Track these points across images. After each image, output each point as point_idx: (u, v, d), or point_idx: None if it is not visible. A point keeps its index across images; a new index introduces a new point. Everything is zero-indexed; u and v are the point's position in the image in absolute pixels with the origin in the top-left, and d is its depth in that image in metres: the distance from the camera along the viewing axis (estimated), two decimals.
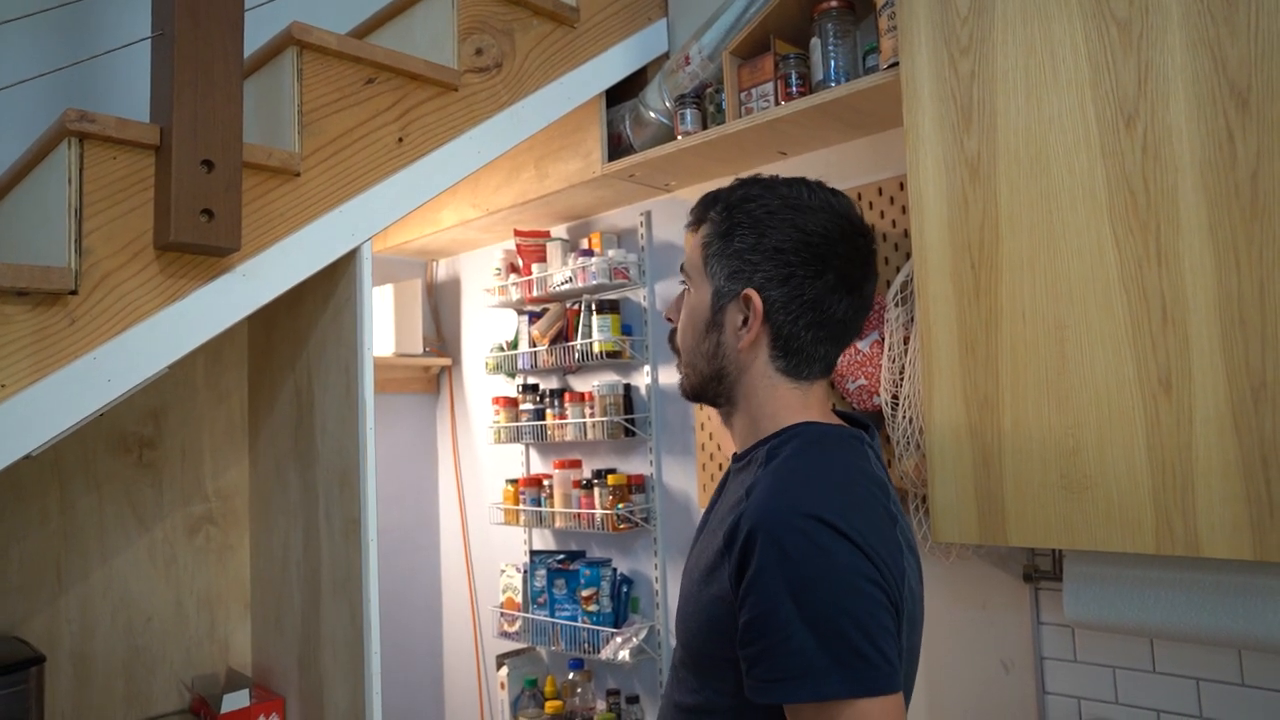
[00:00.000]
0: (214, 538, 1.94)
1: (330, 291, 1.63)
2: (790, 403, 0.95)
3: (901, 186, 1.75)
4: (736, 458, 0.99)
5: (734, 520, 0.86)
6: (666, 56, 2.10)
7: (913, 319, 1.62)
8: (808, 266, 0.92)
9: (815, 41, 1.71)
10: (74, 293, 1.25)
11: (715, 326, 0.97)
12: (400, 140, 1.61)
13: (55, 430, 1.23)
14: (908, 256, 1.72)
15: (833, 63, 1.69)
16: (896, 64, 1.50)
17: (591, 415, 2.24)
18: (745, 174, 2.03)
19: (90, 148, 1.27)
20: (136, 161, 1.32)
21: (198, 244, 1.31)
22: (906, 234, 1.74)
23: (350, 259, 1.56)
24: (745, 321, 0.94)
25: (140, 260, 1.31)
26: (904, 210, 1.74)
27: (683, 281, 1.03)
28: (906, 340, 1.63)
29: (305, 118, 1.50)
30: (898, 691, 0.79)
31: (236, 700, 1.74)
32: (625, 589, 2.23)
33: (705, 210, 1.00)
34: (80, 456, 1.78)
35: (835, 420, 0.98)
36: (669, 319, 1.05)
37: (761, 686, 0.80)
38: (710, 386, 0.99)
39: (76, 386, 1.24)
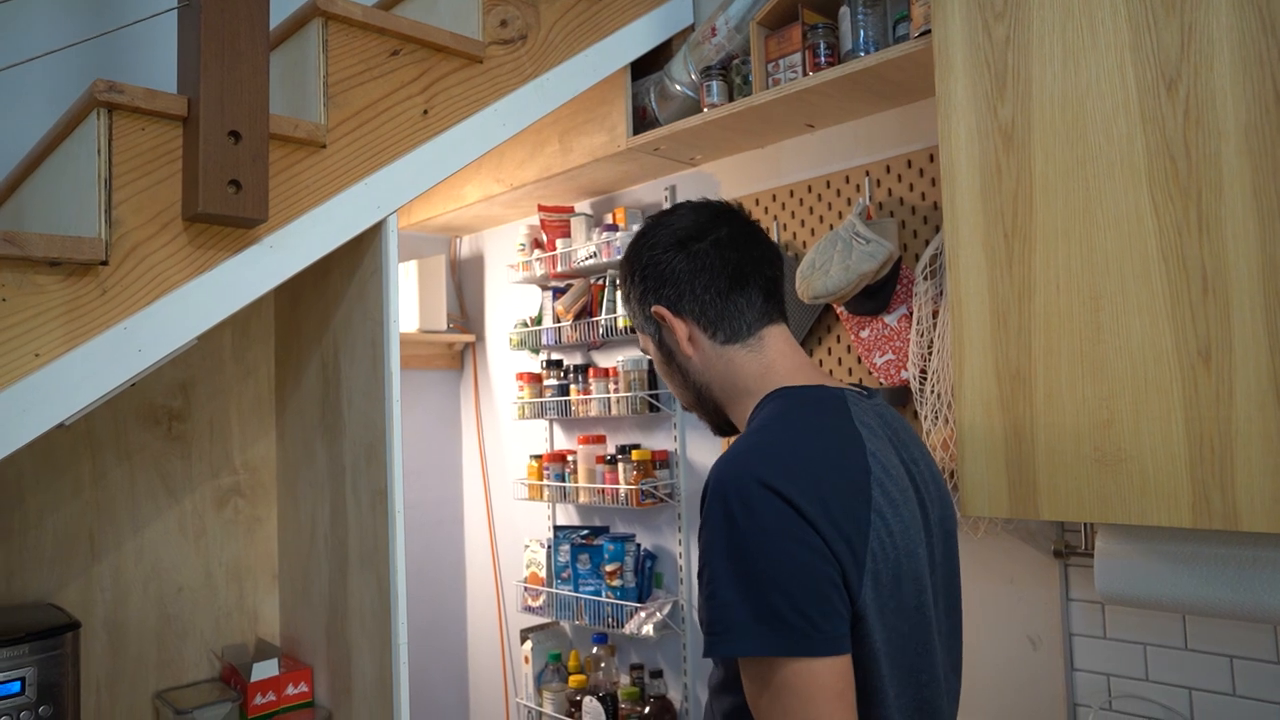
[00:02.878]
0: (242, 510, 1.96)
1: (356, 265, 1.63)
2: (753, 370, 1.00)
3: (931, 158, 1.72)
4: None
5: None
6: (692, 28, 2.07)
7: (941, 292, 1.60)
8: (675, 252, 1.01)
9: (844, 10, 1.69)
10: (105, 263, 1.26)
11: (670, 358, 1.06)
12: (425, 113, 1.61)
13: (88, 399, 1.24)
14: (936, 229, 1.70)
15: (862, 32, 1.66)
16: (928, 32, 1.47)
17: (615, 391, 2.24)
18: (771, 147, 2.02)
19: (119, 119, 1.28)
20: (165, 133, 1.32)
21: (225, 215, 1.31)
22: (936, 207, 1.71)
23: (376, 232, 1.56)
24: (674, 334, 1.02)
25: (169, 231, 1.32)
26: (933, 182, 1.72)
27: (649, 359, 1.10)
28: (935, 314, 1.61)
29: (331, 89, 1.49)
30: (830, 655, 0.79)
31: (266, 669, 1.76)
32: (649, 564, 2.24)
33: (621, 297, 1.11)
34: (111, 428, 1.80)
35: (814, 380, 0.99)
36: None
37: (704, 639, 0.84)
38: (709, 408, 1.06)
39: (108, 356, 1.25)
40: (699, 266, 1.00)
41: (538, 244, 2.48)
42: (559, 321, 2.39)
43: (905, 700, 0.88)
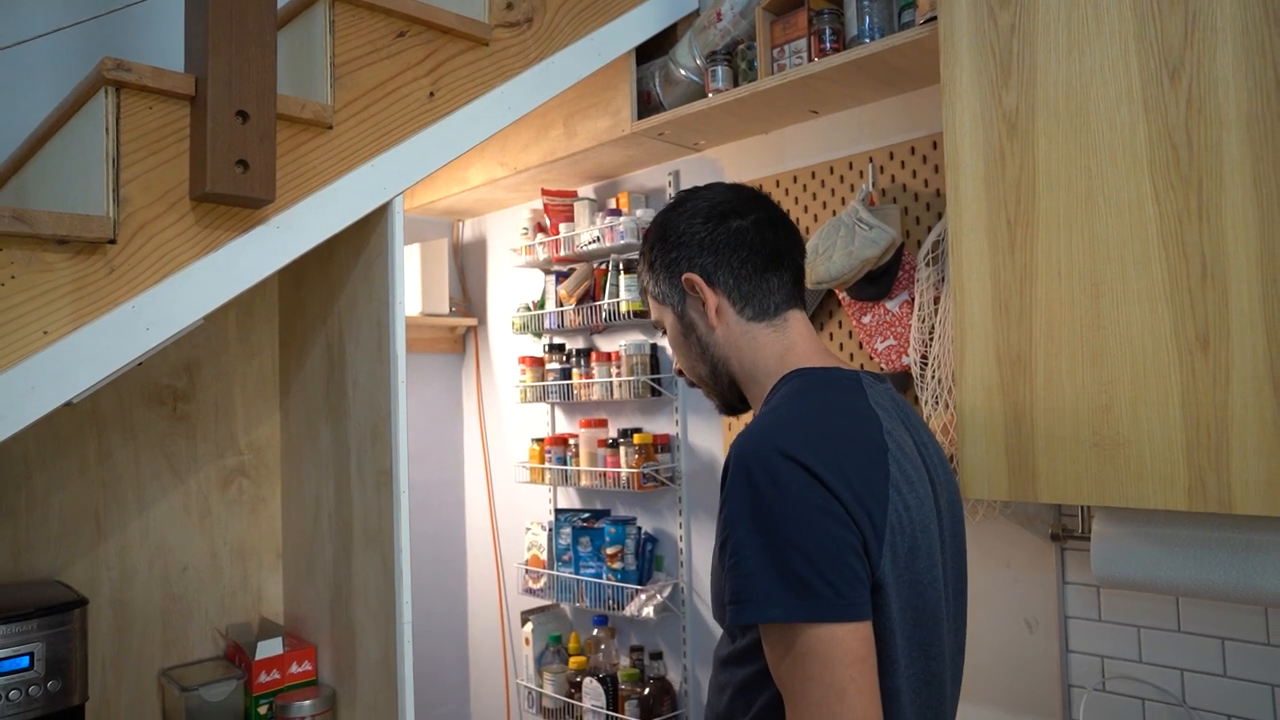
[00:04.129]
0: (246, 490, 1.97)
1: (361, 246, 1.64)
2: (774, 349, 1.02)
3: (934, 145, 1.73)
4: None
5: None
6: (698, 13, 2.07)
7: (943, 278, 1.61)
8: (715, 224, 1.03)
9: None
10: (112, 242, 1.26)
11: (689, 329, 1.06)
12: (431, 95, 1.61)
13: (96, 377, 1.25)
14: (939, 216, 1.71)
15: (868, 18, 1.67)
16: (933, 19, 1.48)
17: (618, 375, 2.25)
18: (775, 133, 2.02)
19: (127, 97, 1.28)
20: (172, 111, 1.32)
21: (233, 195, 1.32)
22: (939, 193, 1.72)
23: (382, 213, 1.57)
24: (704, 304, 1.03)
25: (177, 211, 1.33)
26: (936, 169, 1.72)
27: (662, 332, 1.12)
28: (937, 300, 1.62)
29: (337, 70, 1.50)
30: (854, 621, 0.81)
31: (270, 648, 1.78)
32: (650, 547, 2.25)
33: (639, 267, 1.13)
34: (117, 408, 1.81)
35: (831, 363, 1.01)
36: (677, 372, 1.13)
37: (728, 609, 0.84)
38: (723, 385, 1.06)
39: (116, 334, 1.26)
40: (739, 241, 1.02)
41: (541, 228, 2.49)
42: (561, 305, 2.40)
43: (915, 671, 0.89)
